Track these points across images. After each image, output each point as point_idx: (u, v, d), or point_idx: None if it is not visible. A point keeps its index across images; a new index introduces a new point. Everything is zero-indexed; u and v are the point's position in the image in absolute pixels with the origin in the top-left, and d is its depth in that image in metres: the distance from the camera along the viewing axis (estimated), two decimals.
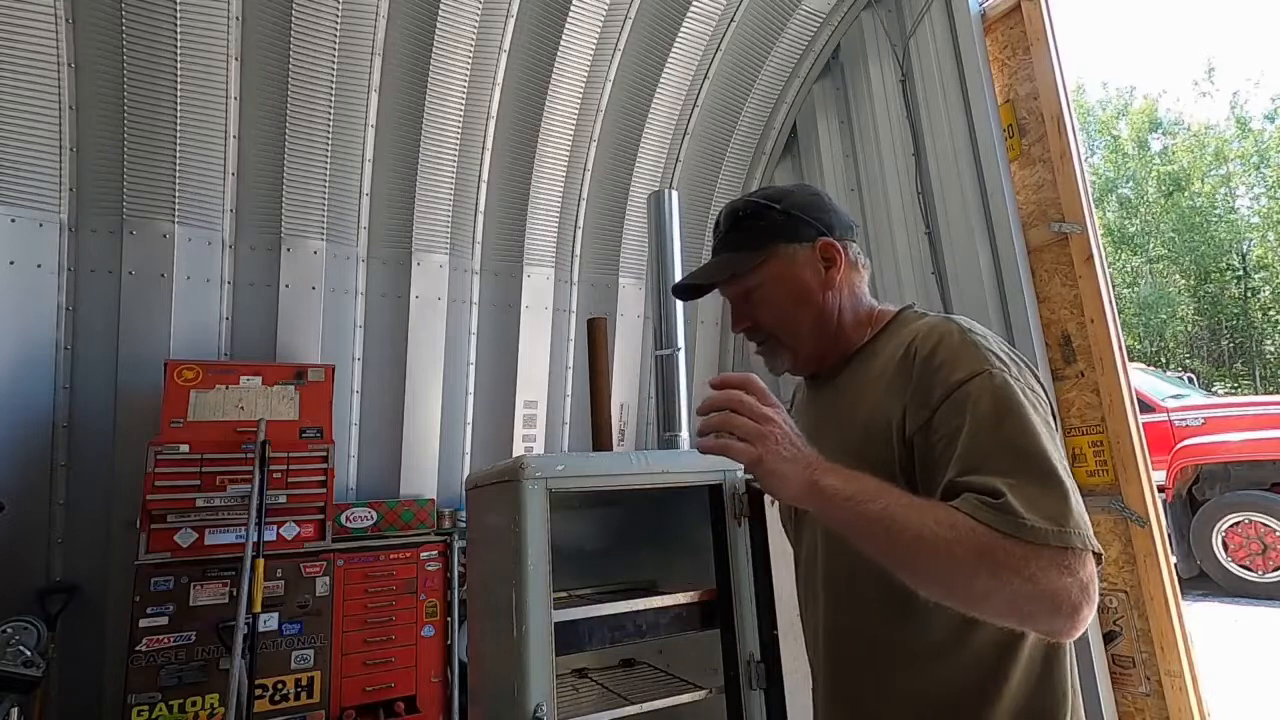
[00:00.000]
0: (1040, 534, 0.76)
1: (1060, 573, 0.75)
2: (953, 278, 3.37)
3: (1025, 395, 0.87)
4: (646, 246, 4.24)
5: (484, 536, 2.23)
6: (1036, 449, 0.83)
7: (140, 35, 3.14)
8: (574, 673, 2.47)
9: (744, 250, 1.09)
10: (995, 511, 0.77)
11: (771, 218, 1.09)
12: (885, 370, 0.99)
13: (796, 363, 1.12)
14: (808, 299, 1.08)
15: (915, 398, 0.91)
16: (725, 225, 1.13)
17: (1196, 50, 48.34)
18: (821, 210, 1.12)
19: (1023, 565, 0.75)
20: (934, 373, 0.91)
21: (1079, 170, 2.98)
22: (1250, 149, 19.56)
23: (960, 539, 0.76)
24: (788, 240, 1.08)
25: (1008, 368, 0.89)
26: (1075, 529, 0.78)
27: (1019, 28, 3.16)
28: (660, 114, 4.11)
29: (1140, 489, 2.74)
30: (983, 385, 0.87)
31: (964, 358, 0.90)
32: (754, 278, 1.09)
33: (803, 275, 1.08)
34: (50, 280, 3.15)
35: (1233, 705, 3.81)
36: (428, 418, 3.83)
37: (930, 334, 0.96)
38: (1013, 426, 0.84)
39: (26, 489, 3.06)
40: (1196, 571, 6.07)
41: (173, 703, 2.77)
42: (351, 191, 3.67)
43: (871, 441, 0.95)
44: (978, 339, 0.93)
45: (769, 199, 1.11)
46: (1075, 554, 0.76)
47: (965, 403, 0.86)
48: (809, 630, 1.12)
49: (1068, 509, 0.79)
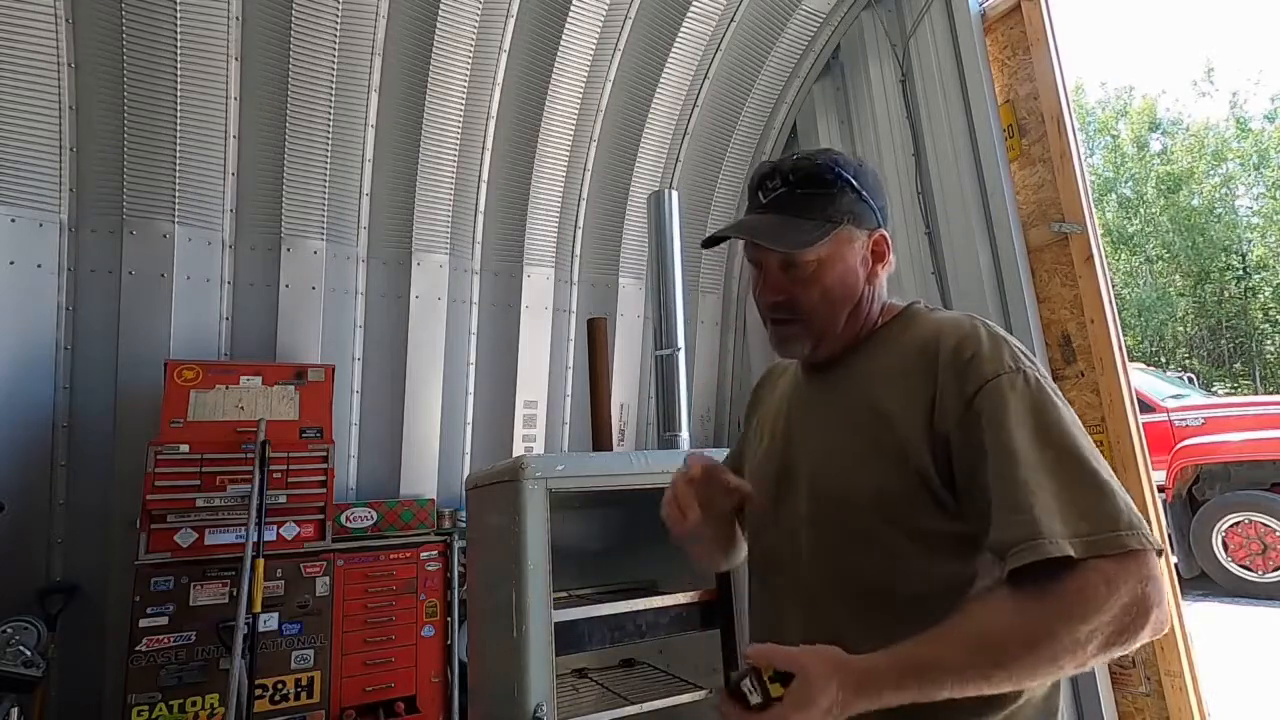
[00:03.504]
0: (1095, 546, 0.76)
1: (1126, 582, 0.75)
2: (953, 278, 3.37)
3: (1056, 395, 0.87)
4: (646, 246, 4.25)
5: (484, 536, 2.23)
6: (1077, 453, 0.82)
7: (140, 35, 3.13)
8: (574, 673, 2.47)
9: (809, 219, 0.99)
10: (1043, 559, 0.76)
11: (844, 192, 1.00)
12: (902, 360, 0.97)
13: (817, 350, 1.05)
14: (853, 290, 1.02)
15: (947, 389, 0.89)
16: (786, 180, 1.01)
17: (1196, 50, 48.36)
18: (884, 197, 1.06)
19: (1090, 598, 0.74)
20: (965, 364, 0.89)
21: (1079, 170, 2.98)
22: (1250, 149, 19.56)
23: (1012, 627, 0.76)
24: (853, 223, 1.01)
25: (1035, 365, 0.90)
26: (1129, 529, 0.77)
27: (1019, 28, 3.16)
28: (660, 114, 4.11)
29: (1140, 489, 2.74)
30: (1012, 382, 0.86)
31: (994, 352, 0.89)
32: (811, 253, 0.99)
33: (855, 264, 1.01)
34: (50, 280, 3.15)
35: (1233, 705, 3.81)
36: (428, 418, 3.83)
37: (956, 328, 0.94)
38: (1052, 429, 0.84)
39: (26, 489, 3.05)
40: (1197, 571, 6.07)
41: (173, 703, 2.77)
42: (351, 191, 3.67)
43: (881, 426, 0.93)
44: (1002, 335, 0.93)
45: (844, 169, 1.01)
46: (1134, 556, 0.76)
47: (1001, 399, 0.85)
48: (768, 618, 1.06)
49: (1118, 510, 0.78)
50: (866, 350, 1.04)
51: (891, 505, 0.91)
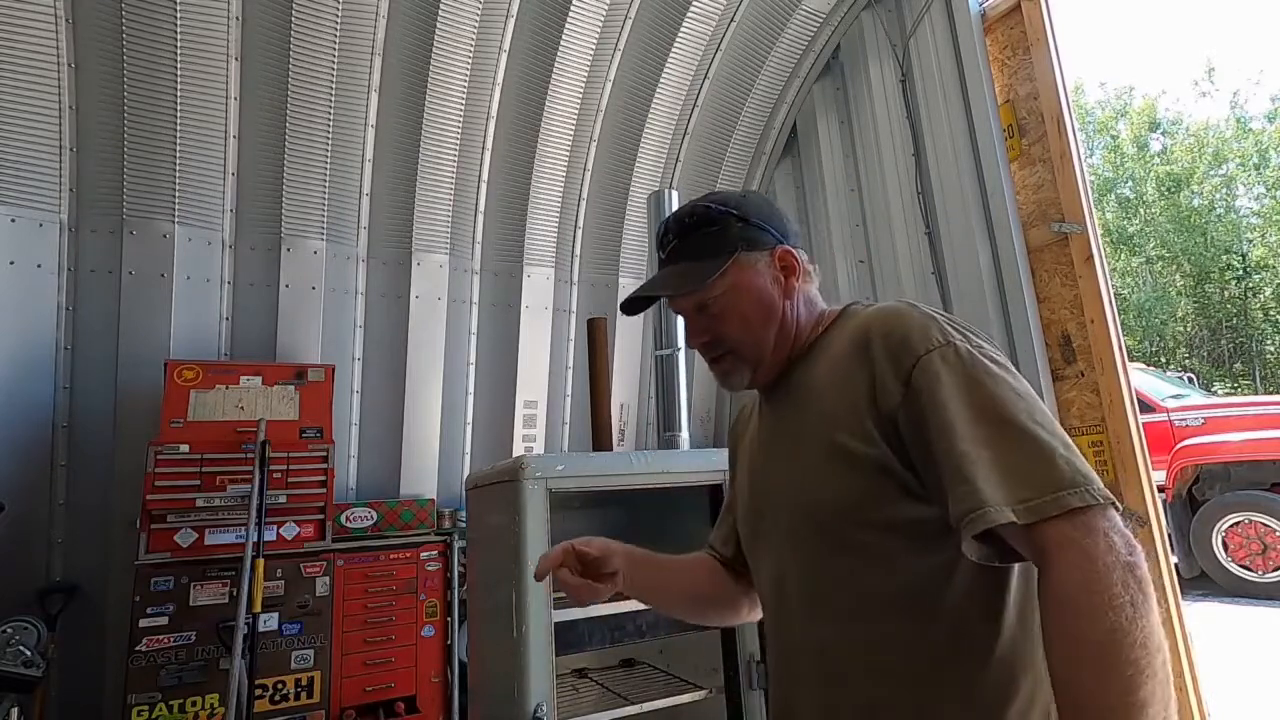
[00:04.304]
0: (1038, 509, 0.75)
1: (1088, 537, 0.74)
2: (953, 278, 3.37)
3: (992, 363, 0.87)
4: (646, 246, 4.25)
5: (484, 536, 2.23)
6: (1014, 419, 0.82)
7: (140, 35, 3.13)
8: (574, 673, 2.47)
9: (703, 259, 1.04)
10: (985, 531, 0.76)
11: (729, 225, 1.05)
12: (840, 356, 0.97)
13: (756, 376, 1.08)
14: (770, 309, 1.04)
15: (884, 372, 0.89)
16: (677, 232, 1.08)
17: (1196, 50, 48.37)
18: (776, 217, 1.09)
19: (1076, 567, 0.73)
20: (897, 346, 0.89)
21: (1079, 170, 2.98)
22: (1250, 149, 19.57)
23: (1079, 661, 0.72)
24: (747, 249, 1.04)
25: (966, 338, 0.89)
26: (1072, 488, 0.76)
27: (1019, 28, 3.16)
28: (660, 114, 4.11)
29: (1140, 489, 2.74)
30: (944, 356, 0.86)
31: (923, 330, 0.89)
32: (715, 288, 1.04)
33: (764, 284, 1.05)
34: (50, 280, 3.15)
35: (1233, 705, 3.81)
36: (428, 418, 3.83)
37: (884, 315, 0.95)
38: (986, 399, 0.83)
39: (26, 489, 3.05)
40: (1197, 571, 6.07)
41: (173, 703, 2.77)
42: (351, 191, 3.67)
43: (830, 428, 0.93)
44: (932, 313, 0.92)
45: (725, 205, 1.07)
46: (1085, 513, 0.75)
47: (934, 374, 0.85)
48: (779, 648, 1.05)
49: (1059, 472, 0.77)
50: (806, 361, 1.05)
51: (856, 506, 0.90)
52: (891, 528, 0.89)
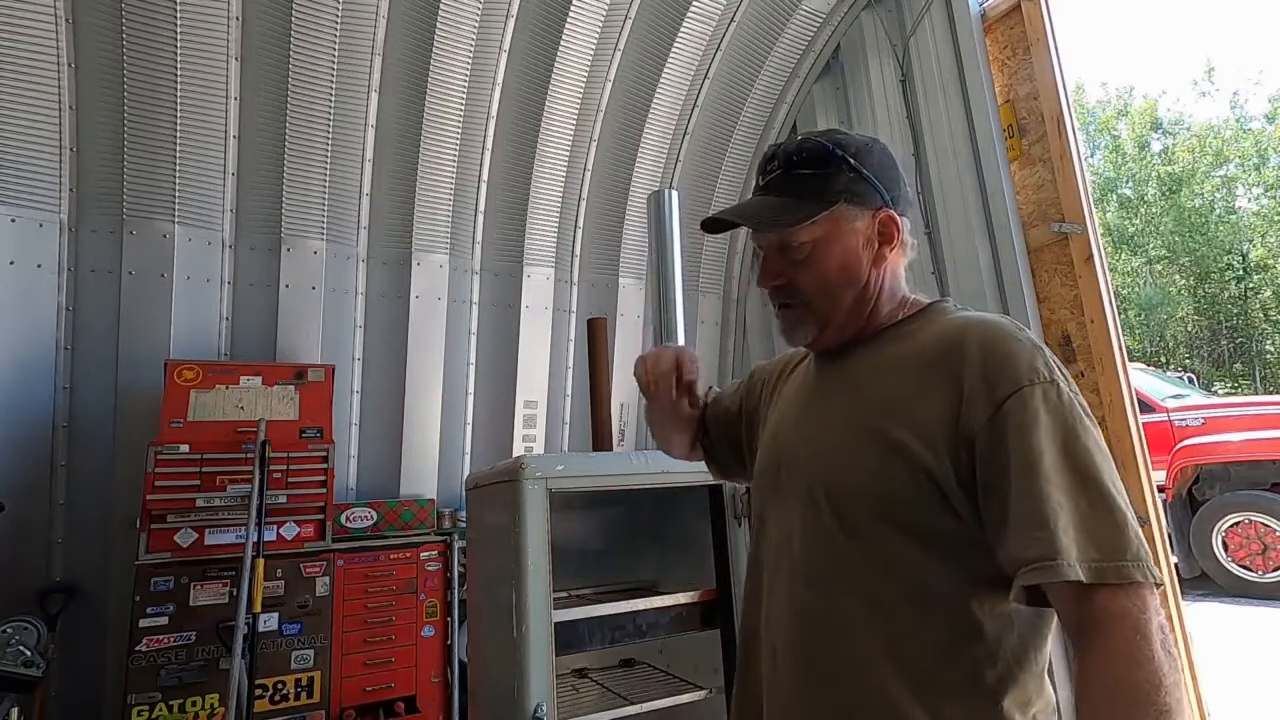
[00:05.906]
0: (1102, 573, 0.76)
1: (1139, 615, 0.75)
2: (953, 278, 3.37)
3: (1086, 414, 0.85)
4: (646, 246, 4.24)
5: (484, 536, 2.23)
6: (1099, 478, 0.81)
7: (140, 35, 3.13)
8: (574, 673, 2.47)
9: (802, 199, 0.97)
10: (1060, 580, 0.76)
11: (840, 171, 0.97)
12: (921, 356, 0.93)
13: (821, 337, 1.02)
14: (855, 273, 0.98)
15: (976, 390, 0.85)
16: (783, 162, 1.00)
17: (1196, 50, 48.36)
18: (893, 177, 1.01)
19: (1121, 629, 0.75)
20: (998, 366, 0.86)
21: (1079, 170, 2.98)
22: (1250, 149, 19.56)
23: None
24: (851, 202, 0.97)
25: (1068, 380, 0.87)
26: (1135, 561, 0.77)
27: (1019, 28, 3.16)
28: (660, 114, 4.11)
29: (1140, 489, 2.74)
30: (1046, 393, 0.84)
31: (1030, 358, 0.86)
32: (804, 234, 0.97)
33: (856, 246, 0.98)
34: (50, 280, 3.15)
35: (1233, 705, 3.81)
36: (428, 418, 3.83)
37: (989, 329, 0.90)
38: (1080, 450, 0.82)
39: (26, 489, 3.05)
40: (1197, 572, 6.07)
41: (173, 703, 2.77)
42: (351, 191, 3.67)
43: (888, 420, 0.90)
44: (1040, 344, 0.90)
45: (843, 149, 0.98)
46: (1135, 588, 0.76)
47: (1033, 408, 0.83)
48: (766, 605, 1.03)
49: (1128, 541, 0.78)
50: (881, 343, 1.00)
51: (888, 500, 0.89)
52: (911, 530, 0.88)
